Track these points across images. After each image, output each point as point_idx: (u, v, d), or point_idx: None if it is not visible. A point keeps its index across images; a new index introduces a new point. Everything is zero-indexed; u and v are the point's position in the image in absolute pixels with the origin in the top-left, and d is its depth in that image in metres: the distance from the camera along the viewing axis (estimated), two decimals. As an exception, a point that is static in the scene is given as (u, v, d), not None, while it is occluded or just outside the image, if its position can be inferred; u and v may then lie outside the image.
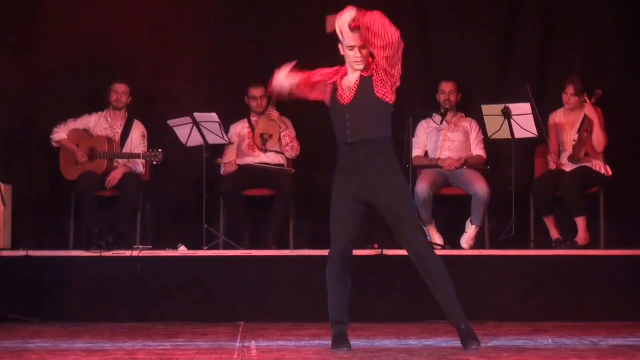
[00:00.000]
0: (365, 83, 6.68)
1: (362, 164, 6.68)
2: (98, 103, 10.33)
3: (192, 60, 10.57)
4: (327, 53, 7.05)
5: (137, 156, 10.09)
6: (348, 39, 6.58)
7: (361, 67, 6.66)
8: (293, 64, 6.90)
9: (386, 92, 6.68)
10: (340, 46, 6.65)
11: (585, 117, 9.87)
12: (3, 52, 10.49)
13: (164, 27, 10.66)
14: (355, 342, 7.31)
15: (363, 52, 6.62)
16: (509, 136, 9.94)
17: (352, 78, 6.72)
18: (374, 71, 6.67)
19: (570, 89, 9.95)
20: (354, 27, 6.54)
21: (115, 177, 10.03)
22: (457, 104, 10.30)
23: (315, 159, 10.59)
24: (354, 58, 6.64)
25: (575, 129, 9.93)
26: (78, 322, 8.86)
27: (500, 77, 10.70)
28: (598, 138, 9.89)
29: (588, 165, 9.85)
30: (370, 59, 6.65)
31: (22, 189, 10.33)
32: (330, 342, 7.03)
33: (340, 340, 6.83)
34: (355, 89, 6.70)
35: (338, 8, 6.55)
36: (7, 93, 10.09)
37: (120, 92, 10.20)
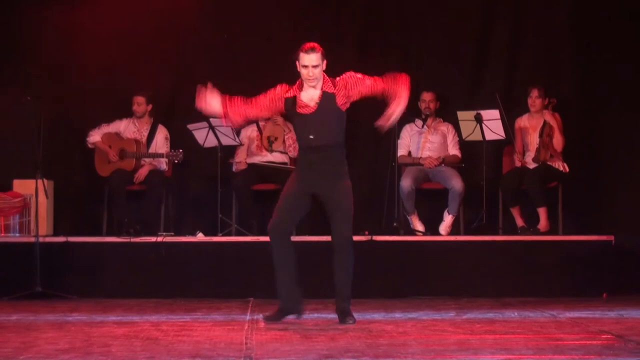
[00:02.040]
0: (327, 98, 6.74)
1: (318, 164, 6.73)
2: (125, 109, 10.32)
3: (208, 72, 10.54)
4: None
5: (161, 155, 10.09)
6: (304, 59, 6.66)
7: (313, 84, 6.70)
8: (212, 89, 6.99)
9: (345, 105, 6.81)
10: (297, 63, 6.70)
11: (546, 123, 9.87)
12: (46, 68, 10.50)
13: (183, 43, 10.65)
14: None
15: (315, 71, 6.65)
16: (480, 138, 9.93)
17: (312, 93, 6.75)
18: (338, 91, 6.73)
19: (534, 92, 9.94)
20: (309, 49, 6.62)
21: (142, 173, 10.04)
22: (436, 111, 10.28)
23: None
24: (306, 76, 6.68)
25: (538, 132, 9.92)
26: (110, 298, 8.86)
27: (473, 88, 10.67)
28: (557, 141, 9.90)
29: (549, 162, 9.85)
30: (336, 79, 6.73)
31: (62, 184, 10.32)
32: (328, 315, 7.05)
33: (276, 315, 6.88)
34: (318, 102, 6.73)
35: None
36: (49, 103, 10.08)
37: (136, 103, 10.22)
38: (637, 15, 10.25)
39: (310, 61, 6.64)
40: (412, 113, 10.22)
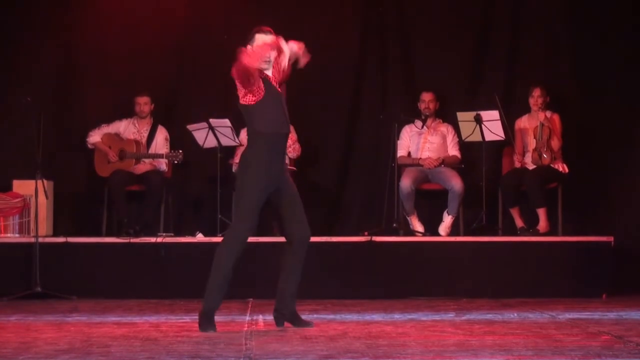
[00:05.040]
0: (277, 82, 6.53)
1: (281, 154, 6.48)
2: (125, 110, 10.33)
3: (207, 73, 10.55)
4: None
5: (161, 156, 10.09)
6: (262, 40, 6.41)
7: (267, 66, 6.42)
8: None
9: None
10: (249, 46, 6.41)
11: (543, 125, 9.86)
12: (48, 70, 10.51)
13: (183, 43, 10.66)
14: (347, 316, 7.34)
15: (272, 54, 6.41)
16: (480, 139, 9.94)
17: (270, 74, 6.48)
18: (273, 75, 6.50)
19: (536, 92, 9.93)
20: (267, 31, 6.44)
21: (140, 168, 10.07)
22: (435, 111, 10.29)
23: (314, 159, 10.61)
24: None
25: (537, 134, 9.92)
26: (110, 299, 8.86)
27: (473, 88, 10.68)
28: (554, 142, 9.91)
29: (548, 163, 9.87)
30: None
31: (62, 184, 10.31)
32: (327, 316, 7.04)
33: (210, 322, 6.45)
34: (277, 83, 6.51)
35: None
36: (50, 104, 10.09)
37: (142, 103, 10.22)
38: (637, 14, 10.27)
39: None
40: (411, 113, 10.26)
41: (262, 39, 6.45)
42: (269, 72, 6.48)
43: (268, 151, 6.38)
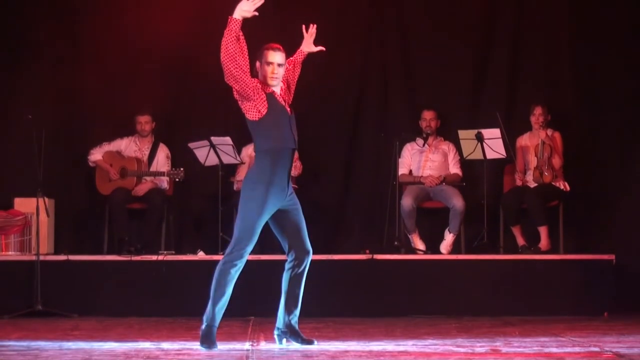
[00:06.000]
0: (287, 100, 6.54)
1: (287, 169, 6.42)
2: (126, 128, 10.34)
3: (208, 91, 10.57)
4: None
5: (162, 174, 10.11)
6: (270, 56, 6.40)
7: (275, 83, 6.41)
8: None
9: None
10: (257, 62, 6.41)
11: (544, 143, 9.88)
12: (49, 90, 10.54)
13: (184, 62, 10.67)
14: (348, 334, 7.33)
15: (281, 70, 6.43)
16: (481, 157, 9.95)
17: (279, 93, 6.47)
18: (286, 94, 6.54)
19: (537, 110, 9.96)
20: (276, 48, 6.42)
21: (142, 188, 10.07)
22: (436, 129, 10.31)
23: (315, 177, 10.61)
24: (270, 73, 6.40)
25: (538, 152, 9.94)
26: (111, 317, 8.85)
27: (474, 106, 10.70)
28: (556, 161, 9.92)
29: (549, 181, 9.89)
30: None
31: (63, 202, 10.33)
32: (326, 335, 7.03)
33: (211, 339, 6.46)
34: (285, 102, 6.51)
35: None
36: (51, 122, 10.10)
37: (143, 121, 10.25)
38: (637, 35, 10.30)
39: (276, 59, 6.40)
40: (413, 132, 10.28)
41: (272, 56, 6.41)
42: (276, 89, 6.47)
43: (273, 168, 6.35)
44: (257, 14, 6.28)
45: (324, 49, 6.78)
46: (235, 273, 6.37)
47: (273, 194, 6.34)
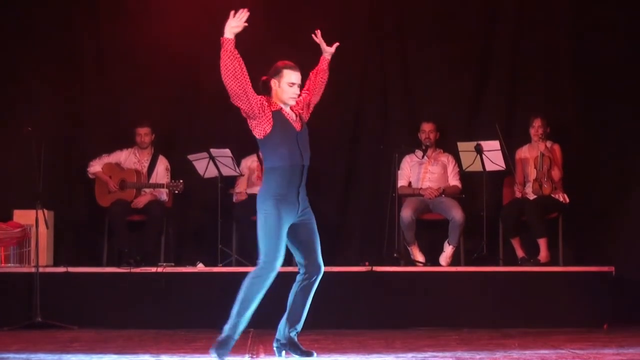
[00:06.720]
0: (301, 117, 6.56)
1: (302, 188, 6.43)
2: (126, 140, 10.36)
3: (208, 103, 10.59)
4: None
5: (161, 186, 10.13)
6: (293, 77, 6.42)
7: (294, 103, 6.46)
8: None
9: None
10: (274, 81, 6.43)
11: (543, 155, 9.90)
12: (51, 101, 10.56)
13: (183, 74, 10.70)
14: (348, 347, 7.33)
15: (299, 90, 6.46)
16: (480, 169, 9.96)
17: (289, 111, 6.47)
18: (301, 109, 6.58)
19: (537, 122, 9.98)
20: (296, 67, 6.44)
21: (141, 200, 10.08)
22: (436, 141, 10.33)
23: (314, 188, 10.60)
24: (292, 93, 6.42)
25: (537, 164, 9.95)
26: (110, 329, 8.85)
27: (474, 118, 10.72)
28: (555, 173, 9.94)
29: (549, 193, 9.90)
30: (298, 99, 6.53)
31: (62, 214, 10.34)
32: (326, 347, 7.03)
33: (226, 349, 6.43)
34: (299, 120, 6.50)
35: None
36: (51, 134, 10.11)
37: (142, 133, 10.26)
38: (637, 51, 10.32)
39: (298, 79, 6.45)
40: (412, 144, 10.29)
41: (295, 77, 6.42)
42: (286, 107, 6.46)
43: (280, 185, 6.35)
44: (247, 24, 6.28)
45: (337, 43, 6.81)
46: (262, 290, 6.36)
47: (283, 210, 6.34)
